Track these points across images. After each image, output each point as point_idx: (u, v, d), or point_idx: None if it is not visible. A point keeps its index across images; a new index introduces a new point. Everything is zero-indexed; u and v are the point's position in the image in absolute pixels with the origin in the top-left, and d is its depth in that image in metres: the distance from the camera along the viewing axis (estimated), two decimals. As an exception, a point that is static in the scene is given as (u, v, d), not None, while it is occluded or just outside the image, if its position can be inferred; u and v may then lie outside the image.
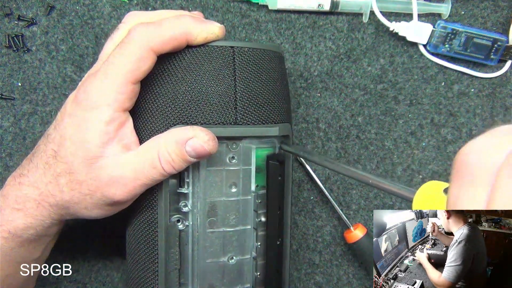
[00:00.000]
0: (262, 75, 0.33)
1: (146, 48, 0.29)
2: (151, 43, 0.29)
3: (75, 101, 0.30)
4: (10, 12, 0.42)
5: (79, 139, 0.29)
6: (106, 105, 0.29)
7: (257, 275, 0.35)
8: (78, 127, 0.29)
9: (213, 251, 0.33)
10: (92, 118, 0.29)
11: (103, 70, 0.29)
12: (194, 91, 0.31)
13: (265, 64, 0.34)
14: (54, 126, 0.31)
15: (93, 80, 0.29)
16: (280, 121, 0.34)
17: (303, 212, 0.46)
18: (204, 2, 0.44)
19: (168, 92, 0.31)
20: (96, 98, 0.29)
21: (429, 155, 0.46)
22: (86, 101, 0.29)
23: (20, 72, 0.43)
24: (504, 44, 0.44)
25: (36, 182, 0.30)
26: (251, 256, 0.34)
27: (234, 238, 0.34)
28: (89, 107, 0.29)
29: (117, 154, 0.29)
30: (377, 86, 0.46)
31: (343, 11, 0.45)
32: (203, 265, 0.33)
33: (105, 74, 0.29)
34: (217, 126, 0.31)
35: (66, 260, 0.43)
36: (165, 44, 0.30)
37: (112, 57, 0.29)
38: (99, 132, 0.29)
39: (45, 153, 0.30)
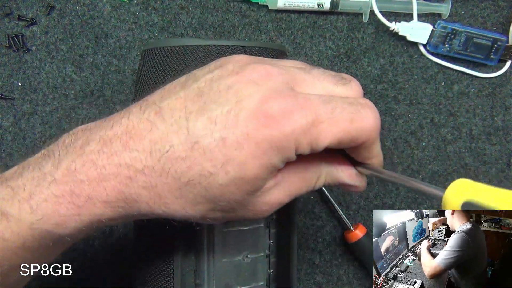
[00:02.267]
0: None
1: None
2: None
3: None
4: (10, 12, 0.42)
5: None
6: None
7: (270, 272, 0.35)
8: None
9: (229, 250, 0.33)
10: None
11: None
12: None
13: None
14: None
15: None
16: None
17: (303, 212, 0.46)
18: (204, 2, 0.44)
19: None
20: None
21: (429, 155, 0.46)
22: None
23: (20, 72, 0.43)
24: (504, 44, 0.44)
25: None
26: (264, 254, 0.35)
27: (249, 236, 0.34)
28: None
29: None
30: (377, 86, 0.46)
31: (343, 11, 0.45)
32: (219, 265, 0.33)
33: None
34: None
35: (66, 260, 0.43)
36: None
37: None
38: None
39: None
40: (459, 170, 0.47)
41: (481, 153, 0.47)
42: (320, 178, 0.26)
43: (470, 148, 0.47)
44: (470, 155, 0.47)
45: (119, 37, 0.44)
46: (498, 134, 0.47)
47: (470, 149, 0.47)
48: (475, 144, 0.47)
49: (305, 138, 0.21)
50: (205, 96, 0.22)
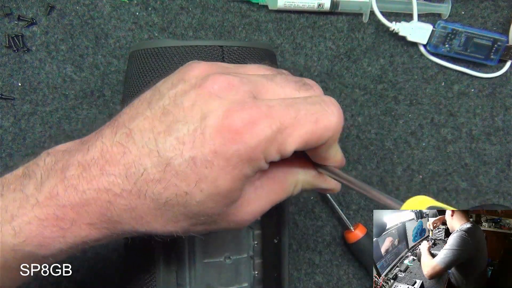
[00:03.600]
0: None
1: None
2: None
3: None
4: (10, 12, 0.42)
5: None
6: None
7: (255, 274, 0.35)
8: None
9: (210, 251, 0.33)
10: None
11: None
12: None
13: (255, 63, 0.34)
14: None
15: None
16: None
17: (303, 212, 0.46)
18: (204, 2, 0.44)
19: None
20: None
21: (429, 155, 0.46)
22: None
23: (20, 72, 0.43)
24: (504, 44, 0.44)
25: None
26: (248, 255, 0.35)
27: (230, 238, 0.34)
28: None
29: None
30: (377, 86, 0.46)
31: (343, 11, 0.45)
32: (200, 265, 0.33)
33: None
34: None
35: (66, 260, 0.43)
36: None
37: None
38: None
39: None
40: (459, 170, 0.47)
41: (481, 153, 0.47)
42: (297, 184, 0.26)
43: (470, 148, 0.47)
44: (470, 155, 0.47)
45: (119, 37, 0.44)
46: (498, 134, 0.47)
47: (470, 149, 0.47)
48: (475, 144, 0.47)
49: (272, 146, 0.22)
50: (171, 115, 0.22)
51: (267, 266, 0.35)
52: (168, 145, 0.21)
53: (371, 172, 0.46)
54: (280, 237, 0.36)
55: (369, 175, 0.46)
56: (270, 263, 0.35)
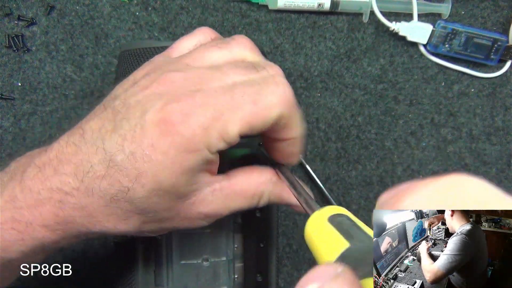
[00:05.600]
0: None
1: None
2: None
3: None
4: (10, 12, 0.42)
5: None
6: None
7: (235, 277, 0.35)
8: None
9: (187, 253, 0.33)
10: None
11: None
12: None
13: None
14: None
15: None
16: None
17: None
18: (204, 2, 0.44)
19: None
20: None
21: (429, 155, 0.46)
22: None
23: (20, 72, 0.43)
24: (504, 44, 0.44)
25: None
26: (227, 258, 0.34)
27: (209, 240, 0.34)
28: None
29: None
30: (377, 86, 0.46)
31: (343, 11, 0.45)
32: (177, 267, 0.33)
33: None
34: None
35: (66, 260, 0.43)
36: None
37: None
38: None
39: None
40: (459, 170, 0.47)
41: (481, 153, 0.47)
42: (263, 196, 0.26)
43: (470, 148, 0.47)
44: (470, 155, 0.47)
45: (119, 37, 0.44)
46: (498, 134, 0.47)
47: (470, 149, 0.47)
48: (475, 144, 0.47)
49: (212, 134, 0.21)
50: (119, 114, 0.22)
51: (249, 270, 0.34)
52: (113, 142, 0.21)
53: (371, 172, 0.46)
54: (267, 241, 0.36)
55: (369, 175, 0.46)
56: (253, 267, 0.34)
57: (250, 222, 0.34)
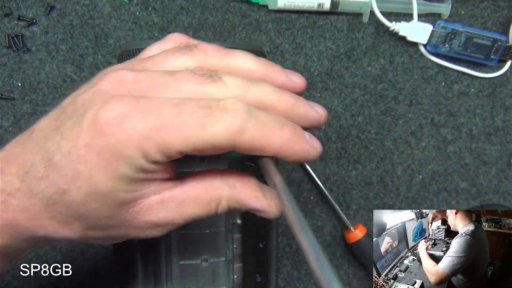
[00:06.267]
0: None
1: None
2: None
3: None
4: (10, 12, 0.42)
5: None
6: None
7: (234, 278, 0.35)
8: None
9: (186, 253, 0.33)
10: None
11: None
12: None
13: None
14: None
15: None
16: None
17: (303, 212, 0.46)
18: (204, 2, 0.44)
19: None
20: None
21: (429, 155, 0.46)
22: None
23: (20, 72, 0.43)
24: (504, 44, 0.44)
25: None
26: (226, 259, 0.34)
27: (208, 240, 0.34)
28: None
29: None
30: (377, 86, 0.46)
31: (343, 11, 0.45)
32: (176, 267, 0.33)
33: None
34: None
35: (66, 260, 0.43)
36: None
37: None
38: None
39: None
40: (459, 170, 0.47)
41: (481, 153, 0.47)
42: (221, 202, 0.24)
43: (470, 148, 0.47)
44: (470, 155, 0.47)
45: (119, 37, 0.44)
46: (498, 134, 0.47)
47: (470, 149, 0.47)
48: (475, 144, 0.47)
49: (150, 143, 0.20)
50: (65, 113, 0.21)
51: (249, 271, 0.34)
52: (54, 141, 0.20)
53: (371, 172, 0.46)
54: (266, 241, 0.36)
55: (369, 175, 0.46)
56: (252, 268, 0.34)
57: (249, 223, 0.34)
